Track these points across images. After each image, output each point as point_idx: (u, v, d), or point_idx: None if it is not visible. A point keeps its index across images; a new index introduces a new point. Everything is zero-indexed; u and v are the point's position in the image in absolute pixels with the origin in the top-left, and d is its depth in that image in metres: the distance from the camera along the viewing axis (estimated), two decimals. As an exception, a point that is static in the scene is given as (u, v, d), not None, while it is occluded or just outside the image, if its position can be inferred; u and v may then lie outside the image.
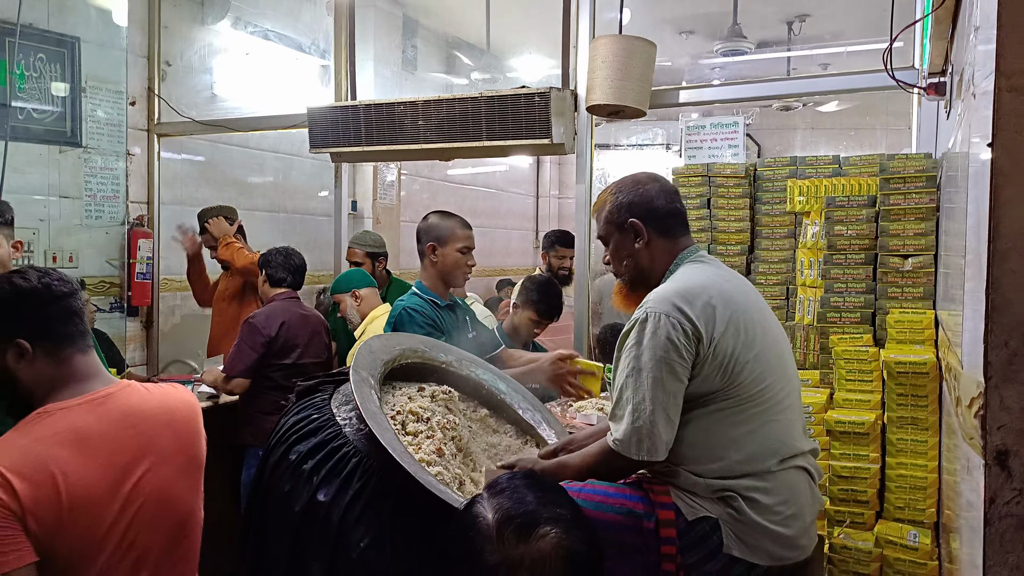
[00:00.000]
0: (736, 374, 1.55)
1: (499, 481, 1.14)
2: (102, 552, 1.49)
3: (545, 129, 3.20)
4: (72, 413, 1.51)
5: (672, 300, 1.57)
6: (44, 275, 1.55)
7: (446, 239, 2.66)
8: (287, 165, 5.15)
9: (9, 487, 1.39)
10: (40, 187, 3.66)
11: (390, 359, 1.93)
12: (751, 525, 1.53)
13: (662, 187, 1.77)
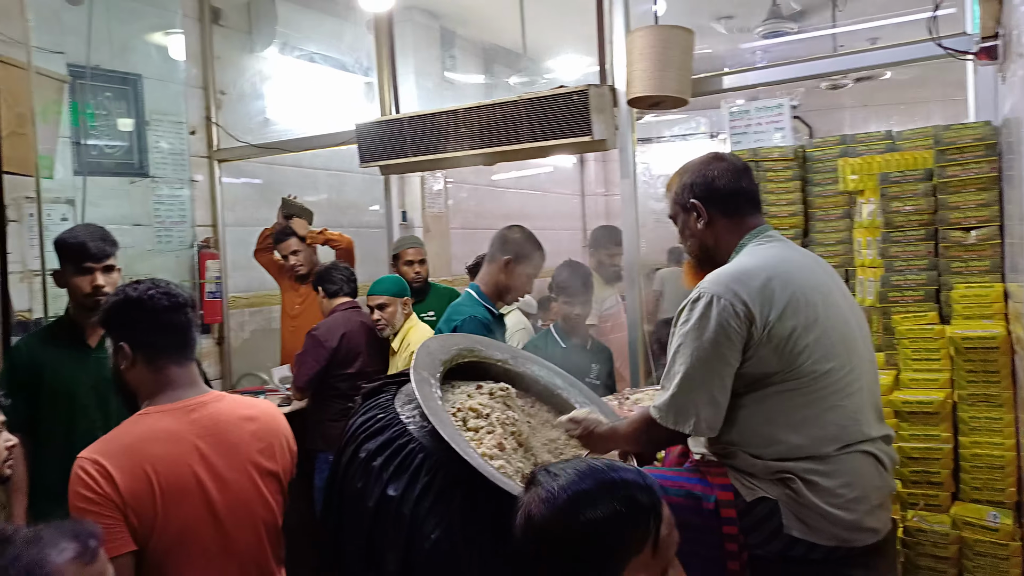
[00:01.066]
0: (794, 356, 1.54)
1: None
2: (190, 550, 1.61)
3: (585, 126, 3.24)
4: (167, 417, 1.65)
5: (727, 282, 1.58)
6: (153, 287, 1.71)
7: (525, 260, 2.68)
8: (339, 181, 5.32)
9: (111, 479, 1.54)
10: (115, 217, 3.87)
11: (447, 359, 2.00)
12: (810, 507, 1.53)
13: (727, 167, 1.76)
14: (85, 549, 1.07)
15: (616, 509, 0.98)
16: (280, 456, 1.80)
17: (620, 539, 0.97)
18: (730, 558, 1.53)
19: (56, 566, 1.02)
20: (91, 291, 2.42)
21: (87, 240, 2.45)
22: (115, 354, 1.71)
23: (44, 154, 3.38)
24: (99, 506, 1.52)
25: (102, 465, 1.55)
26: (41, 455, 2.38)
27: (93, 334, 2.49)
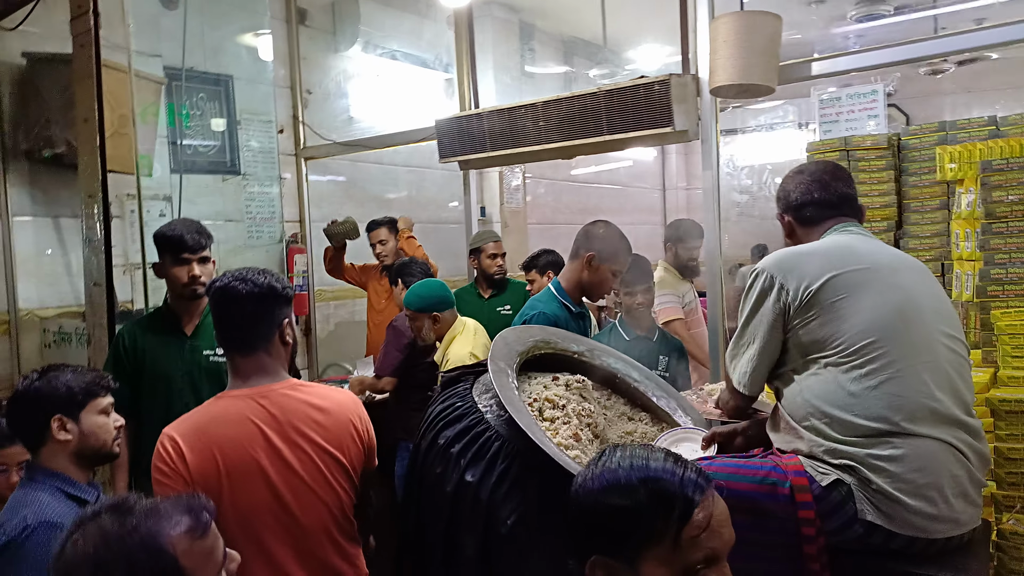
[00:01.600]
0: (837, 324, 1.59)
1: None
2: (256, 530, 1.69)
3: (667, 117, 3.18)
4: (238, 402, 1.75)
5: (774, 258, 1.73)
6: (220, 281, 1.80)
7: (608, 257, 2.61)
8: (419, 178, 5.41)
9: (182, 456, 1.65)
10: (209, 213, 4.07)
11: (524, 350, 2.01)
12: (882, 492, 1.50)
13: (803, 179, 1.88)
14: (198, 523, 1.11)
15: (639, 500, 1.02)
16: (349, 447, 1.83)
17: (637, 528, 1.01)
18: (806, 543, 1.51)
19: (170, 538, 1.07)
20: (188, 281, 2.56)
21: (184, 233, 2.58)
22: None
23: (143, 153, 3.58)
24: (171, 479, 1.64)
25: (176, 442, 1.67)
26: (141, 435, 2.53)
27: (189, 323, 2.64)
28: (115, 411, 1.95)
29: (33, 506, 1.66)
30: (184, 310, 2.64)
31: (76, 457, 1.80)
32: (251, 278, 1.79)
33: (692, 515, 1.01)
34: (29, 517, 1.63)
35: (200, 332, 2.63)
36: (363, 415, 1.90)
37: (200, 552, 1.10)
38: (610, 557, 1.02)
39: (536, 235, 6.15)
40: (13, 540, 1.60)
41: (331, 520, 1.80)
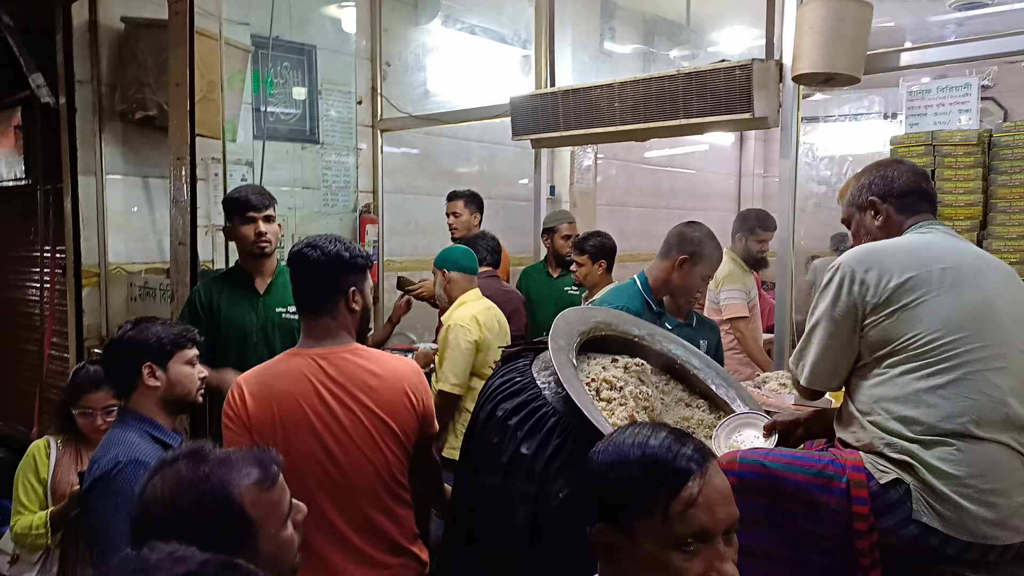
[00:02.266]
0: (914, 323, 1.57)
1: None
2: (307, 483, 1.79)
3: (747, 103, 3.12)
4: (300, 360, 1.87)
5: (855, 253, 1.68)
6: (308, 244, 1.90)
7: (701, 260, 2.56)
8: (491, 153, 5.45)
9: (245, 404, 1.79)
10: (287, 180, 4.21)
11: (585, 330, 2.04)
12: (941, 495, 1.49)
13: (907, 168, 1.85)
14: (266, 475, 1.17)
15: (632, 473, 1.07)
16: (400, 412, 1.89)
17: (631, 499, 1.06)
18: (858, 537, 1.51)
19: (239, 488, 1.13)
20: (255, 238, 2.73)
21: (249, 194, 2.77)
22: None
23: (229, 119, 3.73)
24: (235, 424, 1.80)
25: (242, 391, 1.82)
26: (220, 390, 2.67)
27: (261, 282, 2.77)
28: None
29: (123, 445, 1.80)
30: (255, 269, 2.78)
31: (163, 403, 1.93)
32: (321, 245, 1.89)
33: (681, 490, 1.04)
34: (120, 455, 1.76)
35: (272, 290, 2.77)
36: (420, 385, 1.96)
37: (267, 503, 1.15)
38: (610, 526, 1.08)
39: (605, 217, 6.12)
40: (106, 474, 1.74)
41: (377, 480, 1.88)
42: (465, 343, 3.03)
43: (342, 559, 1.84)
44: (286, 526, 1.19)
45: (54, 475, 2.51)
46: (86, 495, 1.80)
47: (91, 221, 3.80)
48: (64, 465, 2.52)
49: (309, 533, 1.77)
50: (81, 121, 3.72)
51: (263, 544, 1.13)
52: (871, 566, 1.51)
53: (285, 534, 1.19)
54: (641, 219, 6.35)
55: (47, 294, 4.20)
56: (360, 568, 1.86)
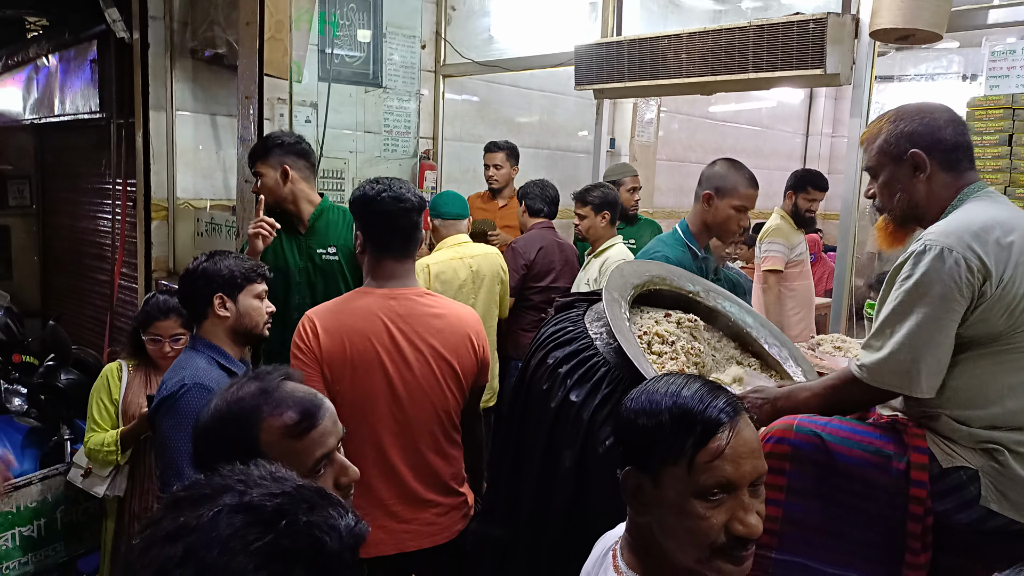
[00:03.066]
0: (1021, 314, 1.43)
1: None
2: (369, 415, 1.87)
3: (819, 59, 3.03)
4: (372, 298, 1.94)
5: (959, 233, 1.45)
6: (387, 189, 1.96)
7: (727, 192, 2.46)
8: (552, 103, 5.40)
9: (317, 337, 1.86)
10: (349, 123, 4.26)
11: (639, 283, 2.05)
12: (1016, 481, 1.43)
13: (952, 117, 1.62)
14: (299, 424, 1.15)
15: (662, 421, 1.07)
16: (463, 355, 1.99)
17: (658, 446, 1.07)
18: (912, 520, 1.48)
19: (264, 422, 1.14)
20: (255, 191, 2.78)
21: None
22: (357, 239, 2.02)
23: (295, 60, 3.77)
24: (306, 356, 1.87)
25: (315, 324, 1.88)
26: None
27: (302, 223, 2.81)
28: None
29: (191, 369, 1.90)
30: (294, 211, 2.80)
31: (232, 333, 2.02)
32: (411, 192, 1.96)
33: (709, 441, 1.04)
34: (187, 378, 1.86)
35: (314, 231, 2.80)
36: (481, 331, 2.04)
37: (287, 449, 1.13)
38: (637, 470, 1.10)
39: (664, 172, 6.03)
40: (172, 394, 1.85)
41: (436, 419, 1.96)
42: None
43: (392, 494, 1.93)
44: (313, 480, 1.15)
45: (125, 396, 2.65)
46: (153, 413, 1.91)
47: (161, 156, 3.92)
48: (134, 387, 2.66)
49: (365, 466, 1.86)
50: (153, 57, 3.81)
51: None
52: (922, 549, 1.47)
53: None
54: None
55: (118, 226, 4.37)
56: (406, 505, 1.94)
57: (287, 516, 0.72)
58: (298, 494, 0.75)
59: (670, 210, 5.99)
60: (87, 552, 2.97)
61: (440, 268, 3.24)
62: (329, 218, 2.82)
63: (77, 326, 4.88)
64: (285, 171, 2.72)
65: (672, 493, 1.05)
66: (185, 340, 2.52)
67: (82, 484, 2.71)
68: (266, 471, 0.79)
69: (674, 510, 1.05)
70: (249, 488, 0.75)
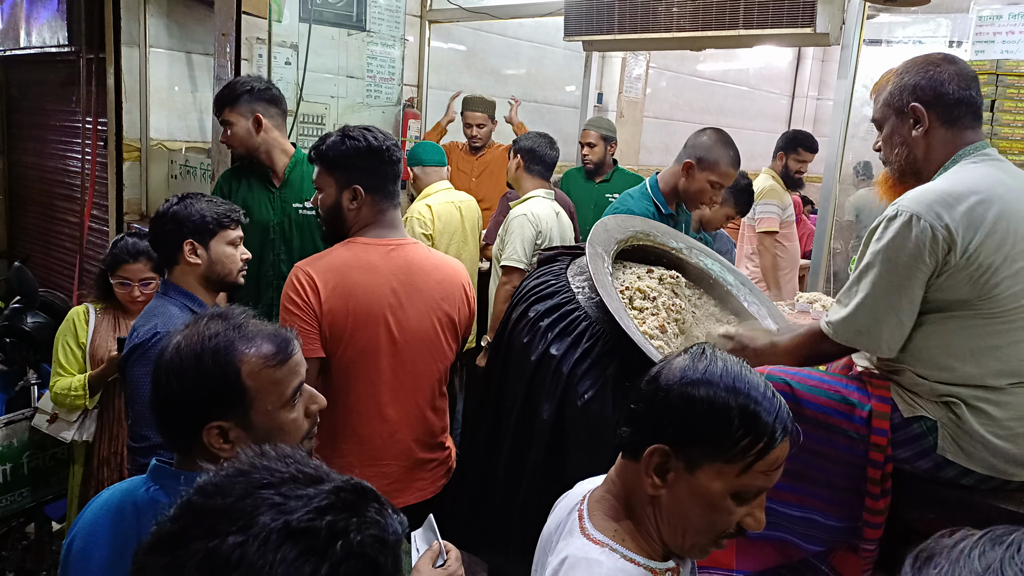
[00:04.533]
0: (991, 287, 1.44)
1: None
2: (369, 370, 1.82)
3: (809, 17, 2.99)
4: (372, 250, 1.85)
5: (930, 201, 1.45)
6: (388, 139, 1.88)
7: (708, 165, 2.46)
8: (540, 55, 5.30)
9: (316, 291, 1.77)
10: (331, 67, 4.14)
11: (623, 239, 2.04)
12: (971, 433, 1.48)
13: (958, 71, 1.58)
14: (276, 353, 1.14)
15: (731, 416, 1.01)
16: (459, 307, 1.95)
17: (718, 440, 1.01)
18: (872, 466, 1.53)
19: (243, 355, 1.12)
20: (225, 140, 2.64)
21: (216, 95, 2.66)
22: (340, 190, 1.85)
23: (275, -1, 3.64)
24: (302, 311, 1.77)
25: (312, 279, 1.78)
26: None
27: (276, 176, 2.70)
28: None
29: (163, 317, 1.85)
30: (266, 163, 2.68)
31: (204, 280, 1.97)
32: (390, 139, 1.89)
33: (770, 452, 1.01)
34: (159, 325, 1.82)
35: (288, 184, 2.70)
36: (470, 281, 2.01)
37: (267, 378, 1.13)
38: (675, 450, 1.03)
39: (651, 129, 5.98)
40: (143, 343, 1.80)
41: (435, 373, 1.92)
42: (419, 234, 3.15)
43: (386, 452, 1.88)
44: (290, 409, 1.16)
45: (93, 340, 2.60)
46: (124, 360, 1.86)
47: (133, 94, 3.79)
48: (102, 331, 2.61)
49: (361, 423, 1.83)
50: (126, -11, 3.66)
51: (256, 417, 1.12)
52: (880, 495, 1.53)
53: (287, 416, 1.16)
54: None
55: (88, 166, 4.24)
56: (399, 462, 1.90)
57: (340, 537, 0.67)
58: (340, 500, 0.70)
59: (655, 167, 5.95)
60: (55, 498, 2.94)
61: (439, 211, 3.24)
62: (304, 170, 2.71)
63: (46, 269, 4.78)
64: (258, 119, 2.60)
65: (709, 486, 1.02)
66: (155, 284, 2.47)
67: (47, 430, 2.67)
68: (292, 463, 0.74)
69: (702, 500, 1.03)
70: (287, 499, 0.69)
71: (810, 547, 1.61)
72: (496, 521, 1.85)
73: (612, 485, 1.14)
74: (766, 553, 1.65)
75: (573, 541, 1.09)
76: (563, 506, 1.23)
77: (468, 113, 4.25)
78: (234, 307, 1.21)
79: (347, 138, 1.85)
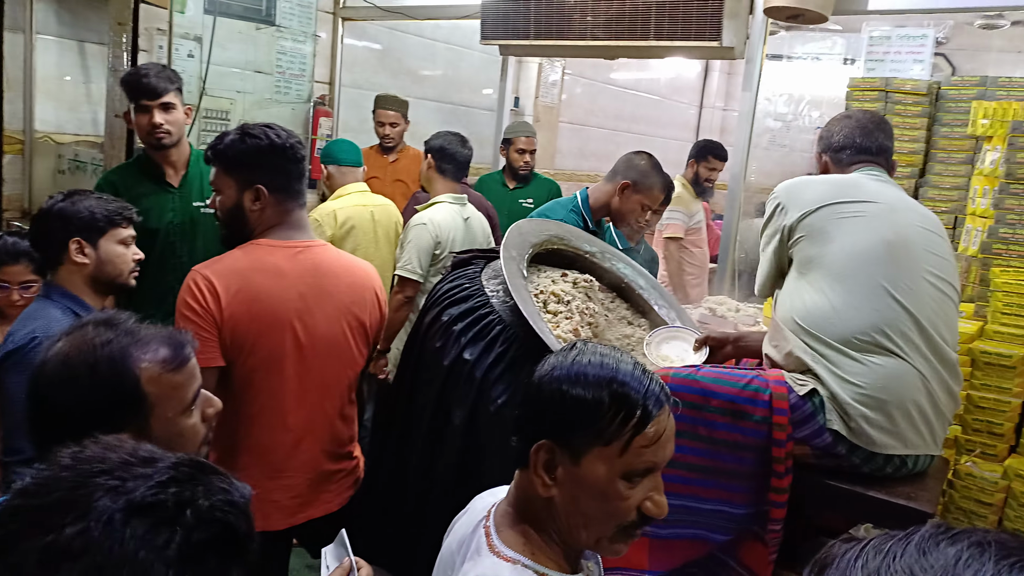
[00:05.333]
0: (824, 244, 1.74)
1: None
2: (273, 377, 1.74)
3: (716, 31, 3.09)
4: (276, 252, 1.76)
5: (787, 184, 1.89)
6: (291, 136, 1.80)
7: (643, 189, 2.57)
8: (457, 57, 5.28)
9: (217, 296, 1.67)
10: (238, 62, 4.00)
11: (538, 242, 2.05)
12: (845, 405, 1.63)
13: (851, 124, 1.99)
14: (174, 357, 1.09)
15: (600, 399, 1.03)
16: (371, 311, 1.89)
17: (592, 424, 1.03)
18: (776, 446, 1.64)
19: (140, 361, 1.06)
20: (149, 129, 2.44)
21: (143, 76, 2.42)
22: (241, 191, 1.77)
23: (179, -13, 3.49)
24: (200, 318, 1.66)
25: (212, 282, 1.68)
26: (135, 288, 2.55)
27: (175, 174, 2.56)
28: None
29: (43, 320, 1.71)
30: (164, 160, 2.54)
31: (92, 282, 1.84)
32: (293, 136, 1.81)
33: (646, 427, 1.03)
34: (38, 330, 1.68)
35: (188, 183, 2.56)
36: (381, 285, 1.96)
37: (167, 384, 1.08)
38: (557, 444, 1.04)
39: (566, 134, 6.06)
40: (19, 348, 1.66)
41: (344, 380, 1.86)
42: (319, 236, 3.05)
43: (292, 463, 1.80)
44: (189, 414, 1.12)
45: (-34, 348, 2.41)
46: None
47: (16, 83, 3.53)
48: (-24, 338, 2.42)
49: (265, 434, 1.75)
50: (10, -31, 3.42)
51: (156, 424, 1.07)
52: (784, 472, 1.65)
53: (186, 422, 1.12)
54: (602, 140, 6.31)
55: (-34, 158, 3.94)
56: (305, 474, 1.82)
57: (188, 505, 0.64)
58: (180, 473, 0.67)
59: (570, 172, 6.04)
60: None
61: (348, 214, 3.12)
62: (202, 168, 2.57)
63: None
64: (188, 109, 2.50)
65: (595, 472, 1.03)
66: (37, 288, 2.31)
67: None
68: (121, 450, 0.69)
69: (593, 489, 1.03)
70: (124, 481, 0.65)
71: (719, 537, 1.69)
72: (405, 533, 1.82)
73: (513, 497, 1.12)
74: (678, 551, 1.71)
75: (481, 561, 1.06)
76: (464, 523, 1.19)
77: (380, 111, 4.17)
78: (118, 312, 1.14)
79: (247, 136, 1.76)
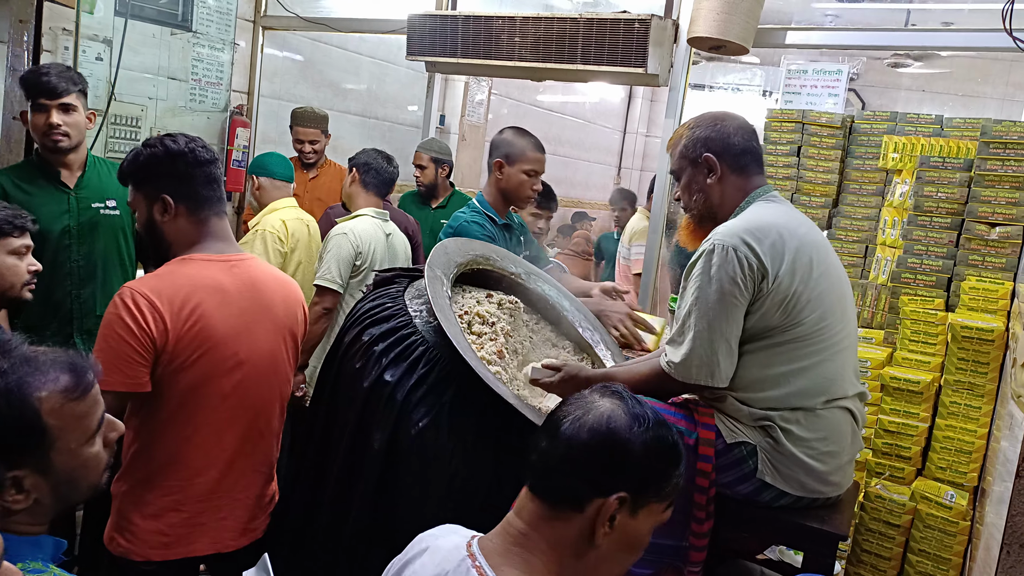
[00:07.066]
0: (796, 312, 1.57)
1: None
2: (210, 394, 1.65)
3: (641, 58, 3.15)
4: (212, 267, 1.68)
5: (740, 234, 1.58)
6: (191, 141, 1.70)
7: (516, 158, 2.54)
8: (382, 72, 5.22)
9: (158, 315, 1.55)
10: (151, 67, 3.83)
11: (463, 262, 2.02)
12: (787, 456, 1.59)
13: (740, 125, 1.77)
14: (77, 384, 1.03)
15: (670, 457, 1.07)
16: (301, 327, 1.86)
17: (665, 482, 1.06)
18: (697, 492, 1.60)
19: (39, 392, 0.99)
20: (45, 130, 2.34)
21: (43, 75, 2.33)
22: (150, 205, 1.68)
23: (88, -13, 3.32)
24: (137, 339, 1.54)
25: (152, 302, 1.56)
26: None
27: (70, 175, 2.46)
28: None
29: None
30: (60, 162, 2.44)
31: None
32: (201, 142, 1.72)
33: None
34: None
35: (85, 183, 2.47)
36: (304, 300, 1.91)
37: (70, 414, 1.02)
38: (630, 496, 1.03)
39: (490, 154, 6.05)
40: None
41: (278, 398, 1.80)
42: (274, 250, 3.03)
43: (220, 485, 1.71)
44: (92, 443, 1.06)
45: None
46: None
47: (-95, 79, 3.30)
48: None
49: (198, 458, 1.65)
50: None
51: (58, 458, 1.01)
52: (706, 518, 1.60)
53: (89, 451, 1.06)
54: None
55: None
56: (233, 497, 1.73)
57: None
58: None
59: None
60: None
61: (294, 227, 3.09)
62: (100, 169, 2.50)
63: None
64: (92, 115, 2.42)
65: (645, 526, 1.06)
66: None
67: None
68: None
69: (635, 541, 1.06)
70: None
71: (640, 571, 1.65)
72: (319, 558, 1.74)
73: (522, 537, 1.05)
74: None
75: None
76: (429, 563, 1.09)
77: (300, 129, 4.04)
78: (9, 337, 1.04)
79: (145, 147, 1.68)
